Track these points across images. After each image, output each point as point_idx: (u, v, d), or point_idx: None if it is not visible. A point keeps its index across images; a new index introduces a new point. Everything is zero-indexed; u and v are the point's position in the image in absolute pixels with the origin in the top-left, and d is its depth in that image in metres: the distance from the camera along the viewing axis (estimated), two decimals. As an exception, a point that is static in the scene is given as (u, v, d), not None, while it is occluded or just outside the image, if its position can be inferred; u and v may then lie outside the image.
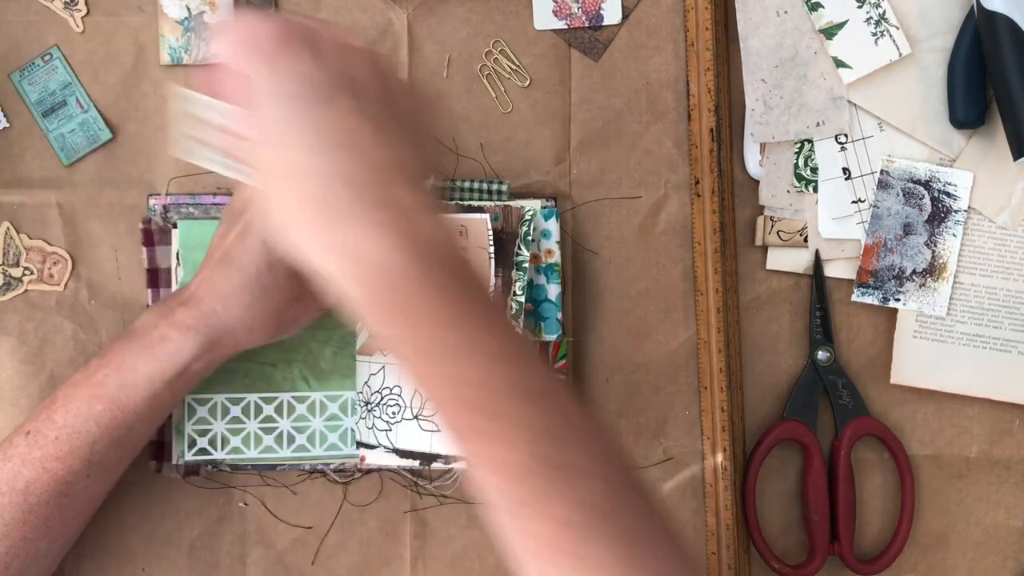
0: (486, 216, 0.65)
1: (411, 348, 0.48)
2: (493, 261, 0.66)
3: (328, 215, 0.46)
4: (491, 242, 0.65)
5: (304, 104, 0.47)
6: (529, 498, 0.47)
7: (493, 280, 0.66)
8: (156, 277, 0.70)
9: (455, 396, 0.48)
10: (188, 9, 0.70)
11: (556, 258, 0.69)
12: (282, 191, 0.47)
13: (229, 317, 0.60)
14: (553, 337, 0.69)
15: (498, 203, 0.68)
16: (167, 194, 0.70)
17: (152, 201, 0.70)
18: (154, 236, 0.70)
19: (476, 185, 0.69)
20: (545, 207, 0.69)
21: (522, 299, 0.65)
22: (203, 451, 0.69)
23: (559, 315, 0.69)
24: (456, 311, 0.47)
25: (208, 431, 0.69)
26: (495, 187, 0.69)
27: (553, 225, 0.69)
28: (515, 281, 0.65)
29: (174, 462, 0.70)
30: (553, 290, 0.69)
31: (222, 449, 0.69)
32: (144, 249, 0.70)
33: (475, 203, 0.67)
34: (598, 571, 0.46)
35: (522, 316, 0.65)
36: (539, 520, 0.47)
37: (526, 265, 0.66)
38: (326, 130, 0.47)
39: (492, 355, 0.48)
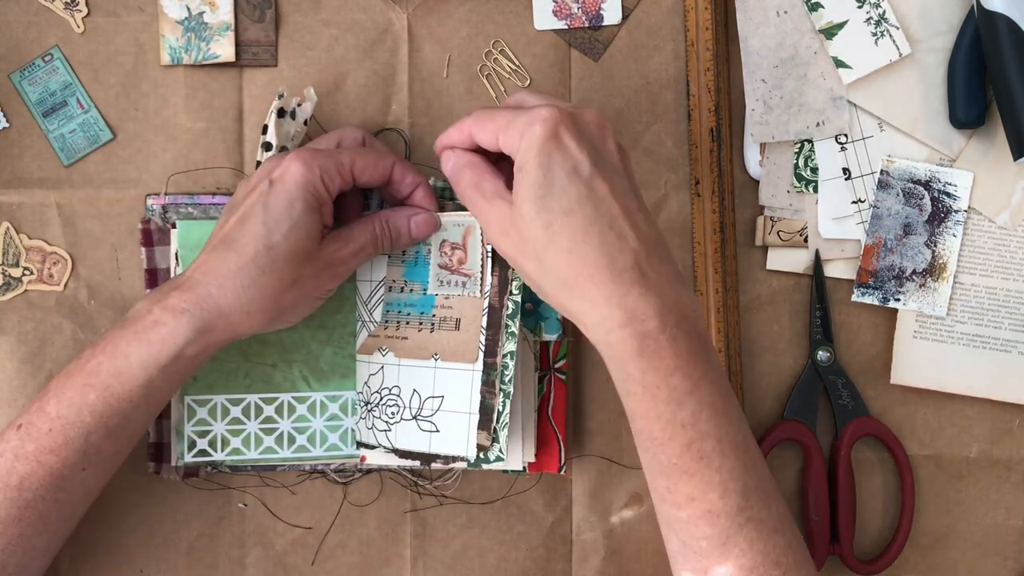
0: None
1: (657, 391, 0.55)
2: (490, 260, 0.65)
3: (608, 278, 0.55)
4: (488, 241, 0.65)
5: (581, 182, 0.56)
6: (723, 542, 0.56)
7: (490, 279, 0.65)
8: (155, 277, 0.70)
9: (686, 443, 0.56)
10: (188, 9, 0.70)
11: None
12: (566, 255, 0.56)
13: (224, 299, 0.60)
14: (553, 337, 0.69)
15: None
16: (166, 194, 0.70)
17: (151, 201, 0.70)
18: (153, 236, 0.70)
19: None
20: None
21: (519, 298, 0.65)
22: (203, 452, 0.69)
23: (560, 315, 0.68)
24: (698, 369, 0.56)
25: (208, 432, 0.69)
26: None
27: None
28: (511, 280, 0.65)
29: (173, 463, 0.69)
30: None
31: (222, 450, 0.69)
32: (143, 249, 0.70)
33: None
34: None
35: (519, 315, 0.65)
36: (726, 564, 0.56)
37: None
38: (602, 207, 0.56)
39: (720, 410, 0.56)
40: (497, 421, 0.65)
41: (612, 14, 0.71)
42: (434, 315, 0.67)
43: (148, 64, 0.71)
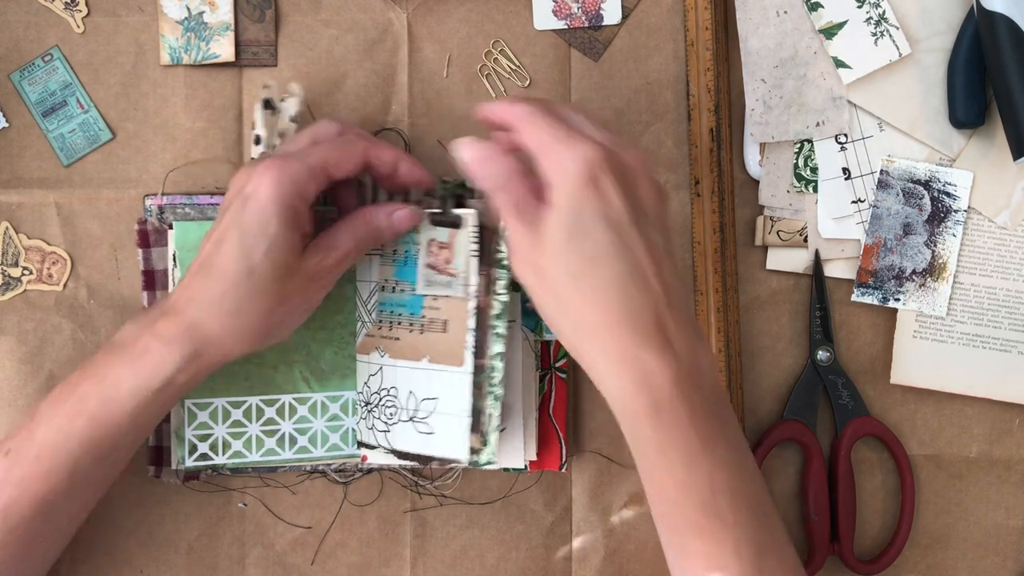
0: (475, 212, 0.64)
1: (671, 452, 0.55)
2: (477, 259, 0.65)
3: (627, 332, 0.54)
4: (477, 240, 0.64)
5: (612, 230, 0.54)
6: None
7: (477, 278, 0.65)
8: (152, 278, 0.70)
9: (699, 500, 0.55)
10: (188, 9, 0.70)
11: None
12: (587, 303, 0.54)
13: (211, 327, 0.59)
14: (554, 337, 0.69)
15: (480, 200, 0.67)
16: (163, 194, 0.70)
17: (148, 202, 0.70)
18: (150, 237, 0.70)
19: (460, 181, 0.68)
20: None
21: (505, 298, 0.63)
22: (204, 456, 0.69)
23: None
24: (713, 427, 0.55)
25: (209, 436, 0.69)
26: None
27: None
28: (496, 279, 0.64)
29: (174, 467, 0.69)
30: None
31: (223, 454, 0.69)
32: (140, 250, 0.70)
33: (465, 197, 0.66)
34: None
35: (505, 316, 0.64)
36: None
37: (506, 263, 0.64)
38: (630, 257, 0.54)
39: (735, 468, 0.55)
40: (487, 424, 0.65)
41: (612, 14, 0.71)
42: (423, 316, 0.66)
43: (148, 64, 0.70)
